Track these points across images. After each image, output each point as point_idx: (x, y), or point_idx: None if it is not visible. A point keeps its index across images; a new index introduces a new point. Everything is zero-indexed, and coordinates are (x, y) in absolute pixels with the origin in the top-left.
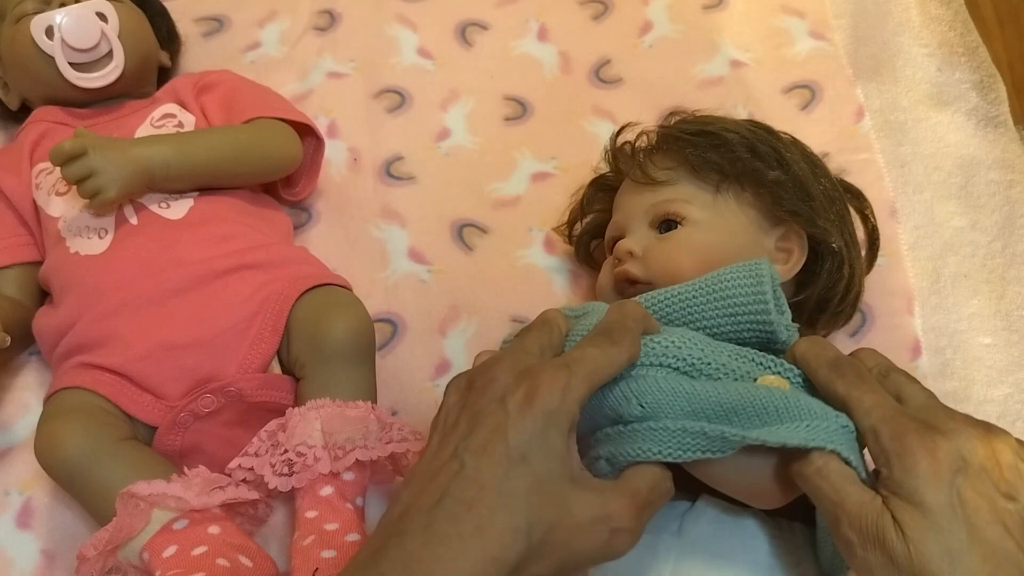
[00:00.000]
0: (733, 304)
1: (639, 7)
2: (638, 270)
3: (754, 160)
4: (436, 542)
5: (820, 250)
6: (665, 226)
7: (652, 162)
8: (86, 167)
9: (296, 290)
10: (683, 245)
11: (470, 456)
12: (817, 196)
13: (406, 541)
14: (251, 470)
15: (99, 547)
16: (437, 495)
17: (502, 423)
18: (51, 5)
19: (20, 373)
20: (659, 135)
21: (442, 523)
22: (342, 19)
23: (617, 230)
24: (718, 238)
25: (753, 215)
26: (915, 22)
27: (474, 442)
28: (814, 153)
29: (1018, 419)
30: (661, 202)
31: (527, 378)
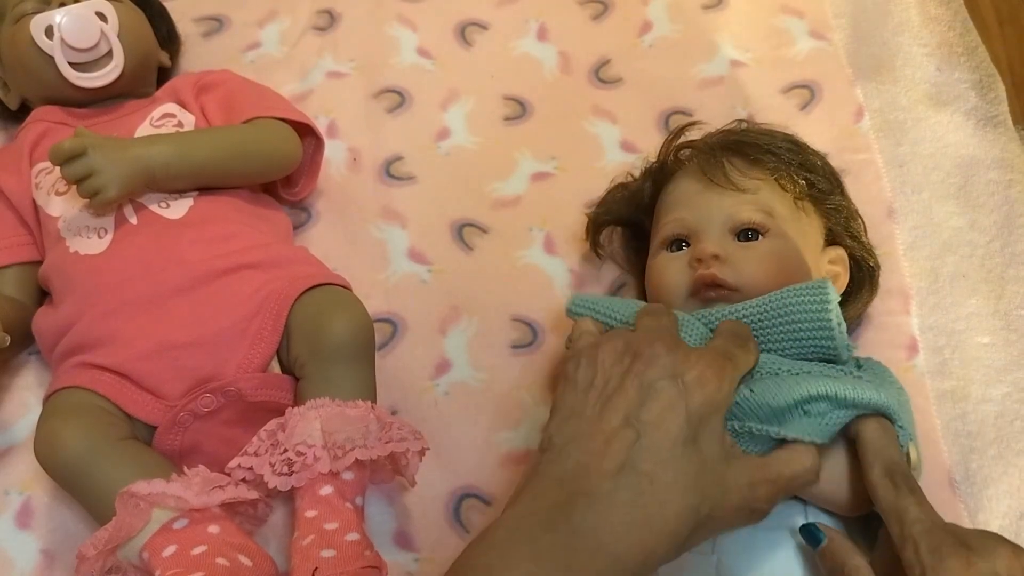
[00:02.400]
0: (800, 329)
1: (639, 7)
2: (729, 275)
3: (823, 180)
4: (624, 511)
5: (861, 271)
6: (744, 235)
7: (733, 166)
8: (86, 166)
9: (296, 290)
10: (768, 256)
11: (646, 427)
12: (857, 218)
13: (595, 503)
14: (251, 470)
15: (99, 547)
16: (618, 462)
17: (676, 401)
18: (51, 5)
19: (20, 373)
20: (738, 140)
21: (626, 492)
22: (342, 19)
23: (683, 228)
24: (794, 252)
25: (816, 234)
26: (915, 22)
27: (648, 414)
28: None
29: (1016, 418)
30: (745, 210)
31: (698, 362)
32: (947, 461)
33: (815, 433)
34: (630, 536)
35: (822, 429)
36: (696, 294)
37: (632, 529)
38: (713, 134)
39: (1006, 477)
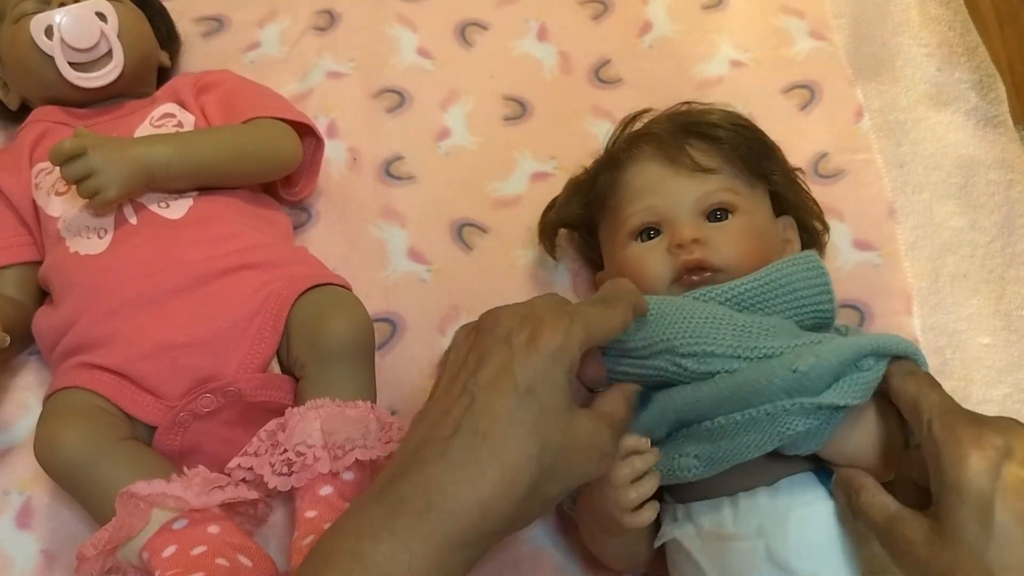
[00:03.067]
0: (798, 298)
1: (639, 7)
2: (714, 257)
3: (773, 153)
4: (455, 467)
5: (810, 237)
6: (714, 215)
7: (694, 148)
8: (86, 167)
9: (296, 290)
10: (742, 233)
11: (480, 391)
12: (801, 184)
13: (425, 467)
14: (251, 470)
15: (99, 547)
16: (452, 427)
17: (508, 360)
18: (51, 5)
19: (20, 373)
20: (694, 121)
21: (459, 451)
22: (342, 19)
23: (653, 215)
24: (760, 225)
25: (769, 205)
26: (915, 22)
27: (483, 378)
28: None
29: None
30: (713, 191)
31: (531, 321)
32: None
33: (859, 394)
34: (461, 492)
35: (866, 386)
36: (679, 280)
37: (463, 485)
38: (661, 119)
39: None
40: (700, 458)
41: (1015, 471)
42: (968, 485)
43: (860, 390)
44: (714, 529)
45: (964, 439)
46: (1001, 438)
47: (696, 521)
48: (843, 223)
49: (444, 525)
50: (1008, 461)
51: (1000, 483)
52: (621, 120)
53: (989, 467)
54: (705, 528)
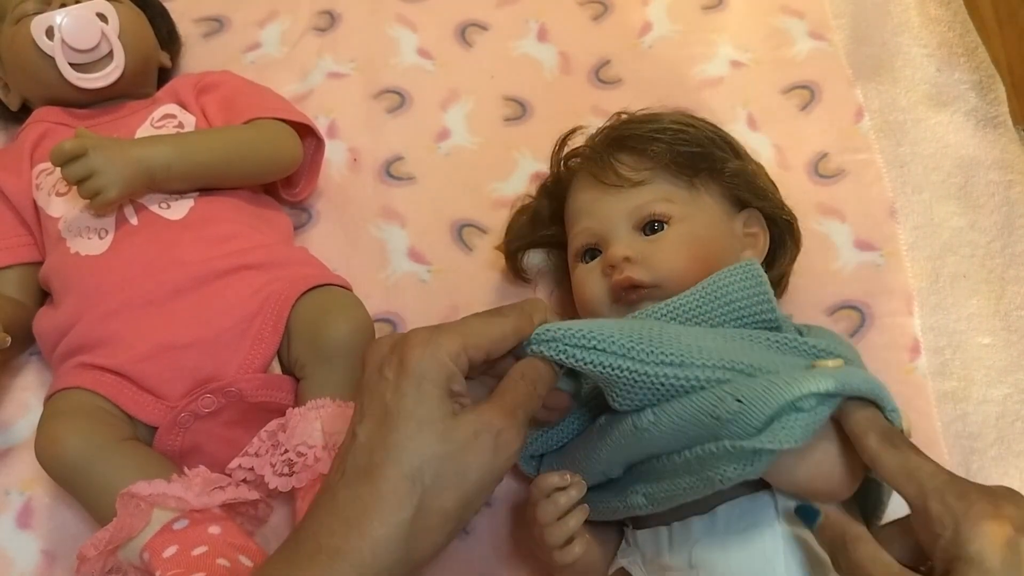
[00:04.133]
0: (739, 308)
1: (639, 7)
2: (643, 274)
3: (716, 151)
4: (341, 510)
5: (779, 227)
6: (650, 227)
7: (621, 162)
8: (86, 167)
9: (296, 290)
10: (677, 244)
11: (361, 428)
12: (762, 176)
13: (317, 513)
14: (251, 470)
15: (99, 547)
16: (340, 470)
17: (383, 390)
18: (51, 5)
19: (20, 373)
20: (618, 135)
21: (344, 491)
22: (342, 19)
23: (591, 237)
24: (703, 231)
25: (721, 204)
26: (914, 23)
27: (365, 414)
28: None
29: (1017, 419)
30: (643, 204)
31: (399, 346)
32: (948, 462)
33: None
34: (348, 528)
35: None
36: (618, 300)
37: (350, 522)
38: (596, 134)
39: (1007, 478)
40: (647, 496)
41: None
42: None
43: (800, 432)
44: (654, 559)
45: (984, 512)
46: (1016, 509)
47: (641, 548)
48: (844, 223)
49: (336, 564)
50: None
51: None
52: (557, 139)
53: (1012, 540)
54: (647, 556)
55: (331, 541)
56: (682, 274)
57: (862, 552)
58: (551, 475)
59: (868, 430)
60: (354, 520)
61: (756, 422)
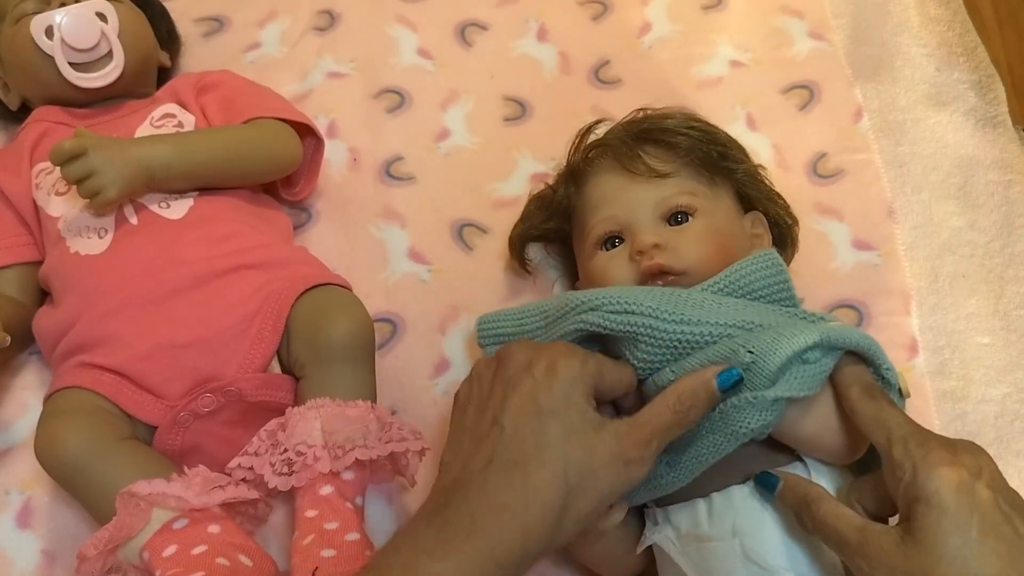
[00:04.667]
0: (760, 296)
1: (638, 7)
2: (674, 261)
3: (730, 151)
4: (495, 494)
5: (780, 230)
6: (674, 219)
7: (648, 154)
8: (86, 167)
9: (296, 290)
10: (702, 235)
11: (508, 419)
12: (764, 180)
13: (469, 494)
14: (251, 469)
15: (99, 546)
16: (487, 457)
17: (532, 388)
18: (51, 5)
19: (20, 373)
20: (648, 127)
21: (496, 480)
22: (342, 19)
23: (615, 224)
24: (723, 224)
25: (734, 204)
26: (914, 22)
27: (510, 407)
28: None
29: (1016, 418)
30: (671, 195)
31: (548, 352)
32: None
33: (808, 385)
34: (503, 516)
35: (814, 378)
36: (644, 285)
37: (504, 510)
38: (618, 128)
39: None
40: (671, 465)
41: (984, 490)
42: (948, 499)
43: (810, 381)
44: (691, 531)
45: (942, 458)
46: (972, 459)
47: (674, 524)
48: (842, 223)
49: (489, 546)
50: (979, 481)
51: (975, 498)
52: (577, 132)
53: (966, 484)
54: (683, 530)
55: (487, 525)
56: (707, 263)
57: (824, 510)
58: None
59: (852, 383)
60: (509, 504)
61: (768, 372)
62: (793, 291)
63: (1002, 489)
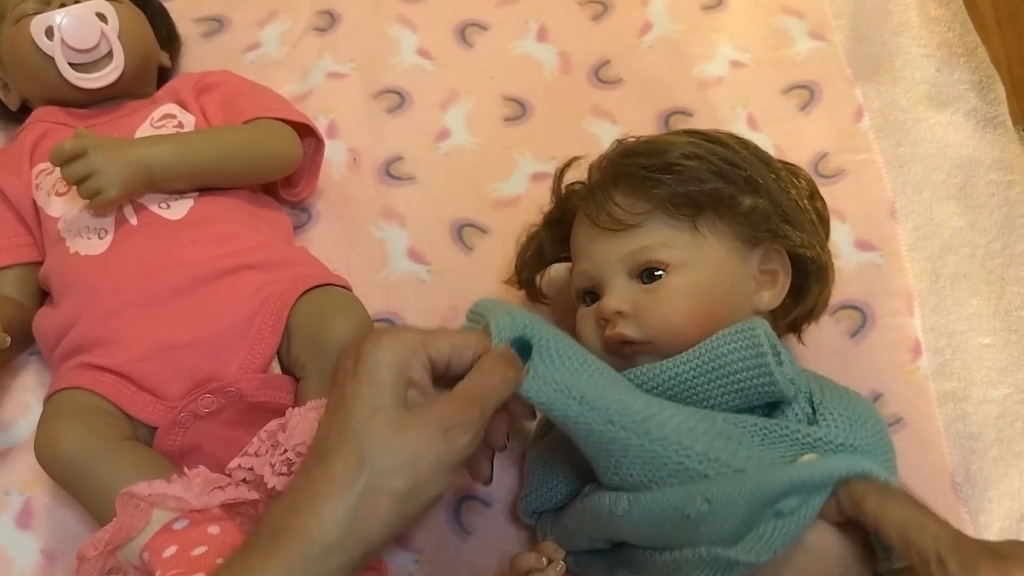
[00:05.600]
0: (737, 380)
1: (639, 7)
2: (634, 331)
3: (726, 187)
4: (293, 492)
5: (803, 263)
6: (648, 275)
7: (616, 203)
8: (86, 167)
9: (296, 290)
10: (676, 294)
11: (323, 420)
12: (789, 208)
13: (280, 498)
14: (251, 470)
15: (99, 547)
16: (303, 463)
17: (343, 381)
18: (51, 5)
19: (20, 373)
20: (616, 171)
21: (298, 477)
22: (342, 19)
23: (588, 281)
24: (706, 278)
25: (732, 244)
26: (914, 23)
27: (327, 408)
28: (760, 149)
29: (1017, 419)
30: (639, 250)
31: (360, 340)
32: (949, 463)
33: (777, 544)
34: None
35: (787, 535)
36: (612, 352)
37: (299, 502)
38: (595, 165)
39: (1007, 479)
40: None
41: None
42: None
43: (778, 542)
44: None
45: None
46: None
47: None
48: (844, 223)
49: (286, 542)
50: None
51: None
52: (556, 170)
53: None
54: None
55: (282, 521)
56: (679, 328)
57: None
58: (527, 555)
59: (867, 493)
60: (303, 500)
61: (728, 525)
62: (776, 378)
63: None
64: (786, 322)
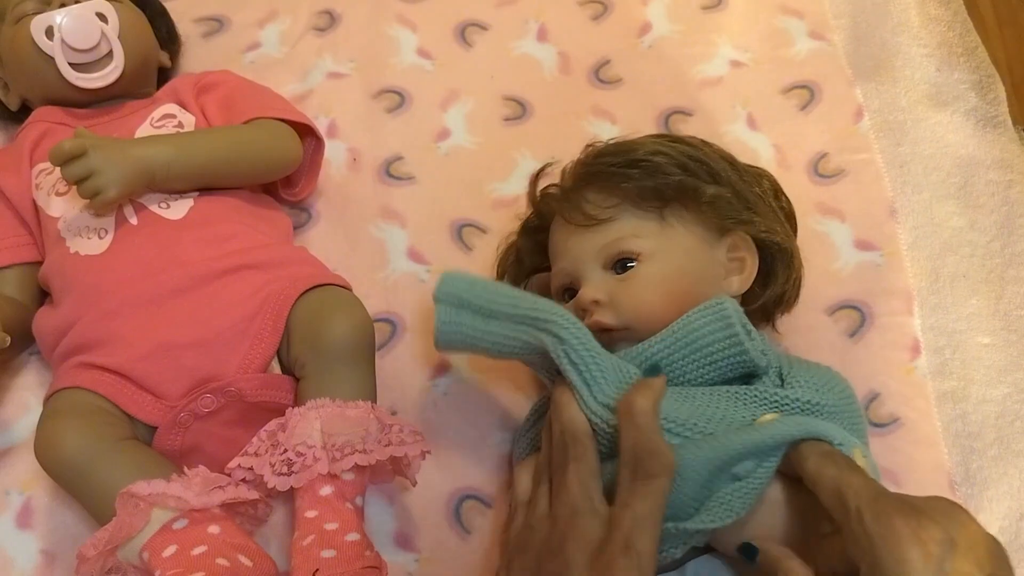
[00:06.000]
0: (710, 353)
1: (638, 7)
2: (610, 318)
3: (689, 178)
4: None
5: (769, 249)
6: (621, 265)
7: (587, 200)
8: (86, 167)
9: (296, 290)
10: (647, 282)
11: None
12: (752, 199)
13: None
14: (251, 470)
15: (99, 547)
16: None
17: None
18: (51, 5)
19: (20, 373)
20: (586, 171)
21: None
22: (342, 19)
23: (566, 277)
24: (676, 265)
25: (700, 232)
26: (914, 22)
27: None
28: (724, 150)
29: (1016, 419)
30: (611, 242)
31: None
32: (947, 462)
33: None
34: None
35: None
36: None
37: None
38: (566, 169)
39: (1006, 478)
40: None
41: (959, 566)
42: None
43: (739, 503)
44: None
45: (902, 534)
46: (941, 530)
47: None
48: (844, 223)
49: None
50: (951, 555)
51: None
52: (530, 178)
53: (933, 565)
54: None
55: None
56: (653, 313)
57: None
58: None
59: (809, 455)
60: None
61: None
62: (746, 347)
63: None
64: (756, 307)
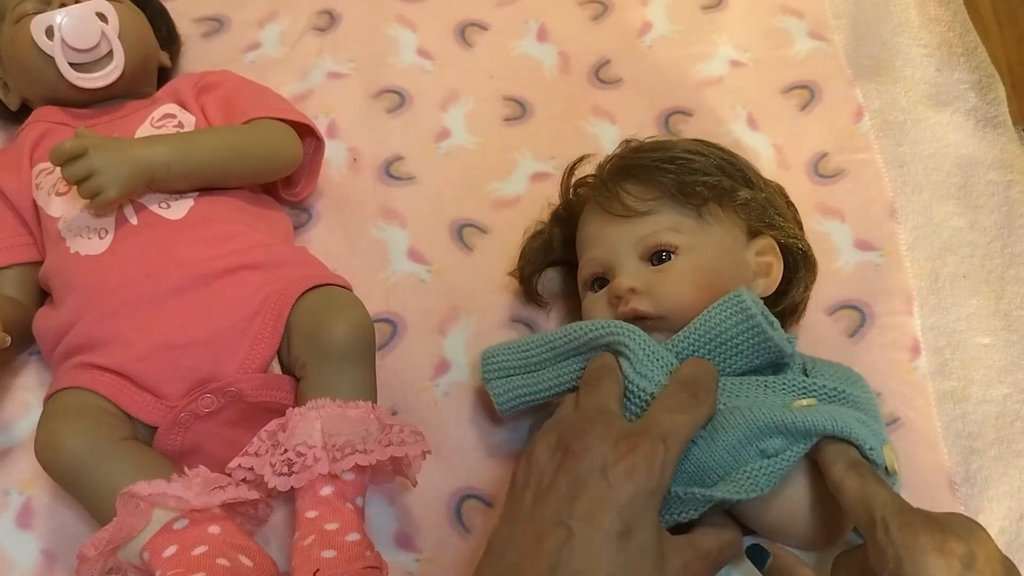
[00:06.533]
0: (735, 344)
1: (638, 7)
2: (648, 306)
3: (726, 180)
4: None
5: (793, 255)
6: (657, 257)
7: (627, 192)
8: (86, 167)
9: (296, 290)
10: (683, 274)
11: (577, 524)
12: (780, 206)
13: None
14: (251, 470)
15: (99, 547)
16: (550, 562)
17: (606, 494)
18: (51, 5)
19: (20, 373)
20: (625, 164)
21: None
22: (342, 19)
23: (598, 266)
24: (711, 261)
25: (733, 232)
26: (914, 22)
27: (579, 510)
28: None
29: (1017, 419)
30: (650, 234)
31: (627, 452)
32: (947, 462)
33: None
34: None
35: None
36: None
37: None
38: (604, 162)
39: (1006, 478)
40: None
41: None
42: None
43: (764, 480)
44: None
45: (928, 545)
46: (963, 545)
47: None
48: (844, 223)
49: None
50: (972, 569)
51: None
52: (566, 167)
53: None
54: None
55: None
56: (688, 305)
57: None
58: None
59: (836, 460)
60: None
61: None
62: (769, 335)
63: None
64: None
